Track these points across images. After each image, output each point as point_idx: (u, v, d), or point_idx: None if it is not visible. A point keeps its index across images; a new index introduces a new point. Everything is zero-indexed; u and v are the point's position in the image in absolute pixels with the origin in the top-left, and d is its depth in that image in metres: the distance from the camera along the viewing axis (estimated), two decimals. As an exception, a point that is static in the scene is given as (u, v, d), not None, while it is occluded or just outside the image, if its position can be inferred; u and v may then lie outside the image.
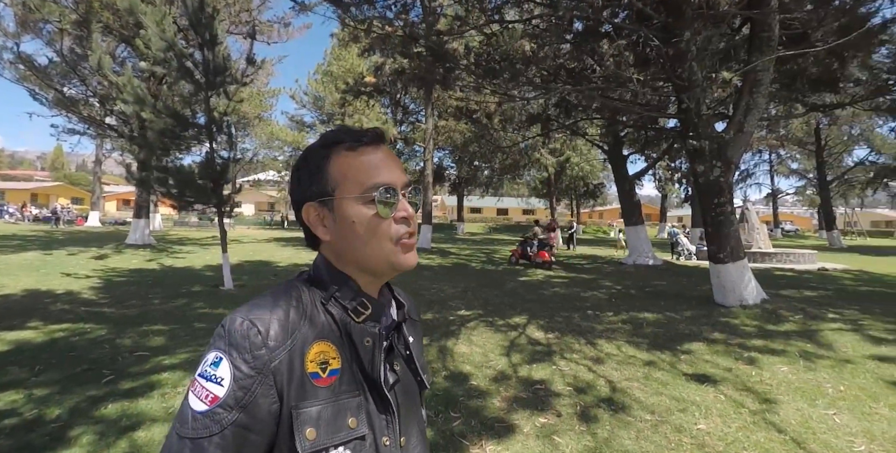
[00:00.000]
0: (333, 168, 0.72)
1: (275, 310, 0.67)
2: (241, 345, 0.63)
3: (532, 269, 12.29)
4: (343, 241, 0.72)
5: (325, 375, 0.66)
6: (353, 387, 0.68)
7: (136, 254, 13.64)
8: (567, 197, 34.78)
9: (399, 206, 0.72)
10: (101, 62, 8.71)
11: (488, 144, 21.55)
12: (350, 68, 23.91)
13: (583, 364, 4.45)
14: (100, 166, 28.08)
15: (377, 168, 0.71)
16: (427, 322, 6.07)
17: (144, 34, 7.82)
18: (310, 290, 0.73)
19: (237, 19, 14.20)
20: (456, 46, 9.58)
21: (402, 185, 0.73)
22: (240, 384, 0.61)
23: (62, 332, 5.23)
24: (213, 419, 0.60)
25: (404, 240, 0.72)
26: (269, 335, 0.64)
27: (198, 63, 8.74)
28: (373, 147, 0.73)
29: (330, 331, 0.70)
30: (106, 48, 12.06)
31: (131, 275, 9.76)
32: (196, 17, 8.22)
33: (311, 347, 0.67)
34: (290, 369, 0.64)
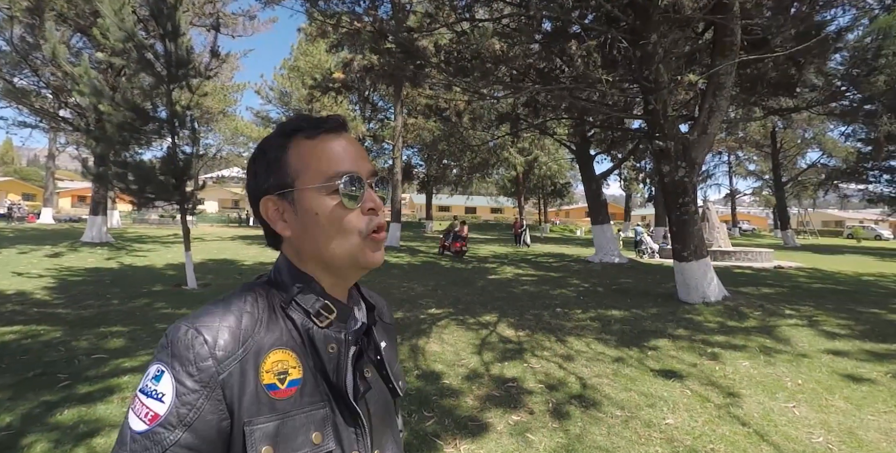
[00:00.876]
0: (293, 158, 0.66)
1: (225, 317, 0.61)
2: (185, 357, 0.56)
3: (502, 267, 12.40)
4: (305, 237, 0.66)
5: (284, 386, 0.60)
6: (317, 399, 0.62)
7: (93, 252, 13.03)
8: (535, 195, 35.25)
9: (366, 197, 0.67)
10: (55, 52, 8.26)
11: (458, 142, 21.62)
12: (317, 64, 23.47)
13: (553, 361, 4.51)
14: (53, 161, 26.69)
15: (340, 156, 0.66)
16: (398, 320, 6.03)
17: (102, 23, 7.45)
18: (269, 294, 0.67)
19: (201, 11, 13.72)
20: (426, 44, 9.54)
21: (368, 175, 0.68)
22: (183, 400, 0.55)
23: (13, 335, 4.96)
24: (153, 440, 0.54)
25: (373, 234, 0.67)
26: (216, 344, 0.58)
27: (159, 55, 8.40)
28: (334, 134, 0.68)
29: (290, 338, 0.64)
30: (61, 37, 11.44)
31: (88, 275, 9.32)
32: (157, 6, 7.90)
33: (268, 356, 0.60)
34: (242, 381, 0.58)
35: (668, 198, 7.39)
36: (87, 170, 8.86)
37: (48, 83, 12.19)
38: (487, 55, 8.09)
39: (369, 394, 0.69)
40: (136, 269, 10.43)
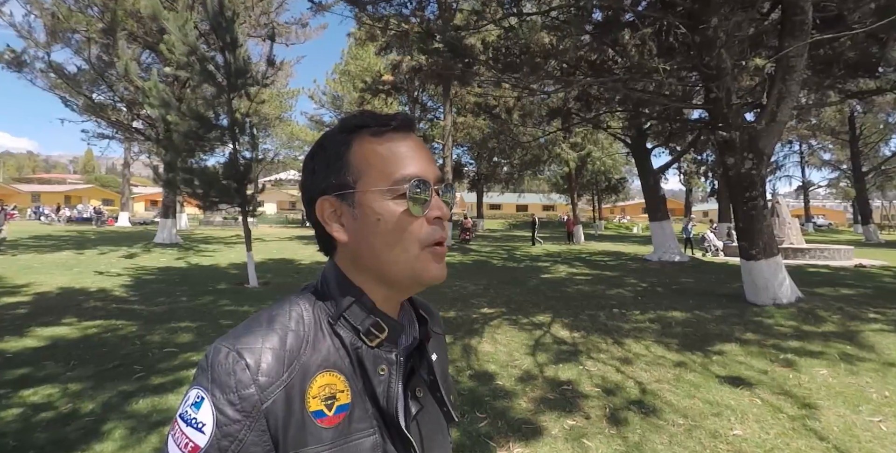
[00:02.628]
0: (356, 157, 0.60)
1: (268, 337, 0.55)
2: (226, 383, 0.52)
3: (556, 266, 12.15)
4: (363, 243, 0.60)
5: (332, 413, 0.55)
6: (365, 425, 0.57)
7: (164, 252, 13.96)
8: (589, 192, 34.28)
9: (433, 204, 0.60)
10: (127, 68, 8.90)
11: (508, 140, 21.34)
12: (367, 67, 23.98)
13: (611, 364, 4.34)
14: (128, 168, 28.88)
15: (408, 158, 0.60)
16: (450, 320, 6.03)
17: (168, 39, 7.94)
18: (314, 307, 0.61)
19: (256, 22, 14.37)
20: (474, 42, 9.48)
21: (435, 180, 0.62)
22: (224, 431, 0.50)
23: (95, 329, 5.40)
24: None
25: (436, 247, 0.61)
26: (259, 369, 0.53)
27: (219, 66, 8.86)
28: (402, 134, 0.62)
29: (338, 358, 0.58)
30: (132, 54, 12.36)
31: (159, 273, 9.98)
32: (216, 21, 8.32)
33: (314, 380, 0.55)
34: (288, 409, 0.53)
35: (733, 192, 6.93)
36: (158, 176, 9.51)
37: (122, 97, 13.21)
38: (536, 49, 7.92)
39: (420, 416, 0.63)
40: (203, 268, 11.06)
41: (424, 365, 0.66)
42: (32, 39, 10.84)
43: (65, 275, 9.32)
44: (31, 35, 10.81)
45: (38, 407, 3.32)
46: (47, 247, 14.49)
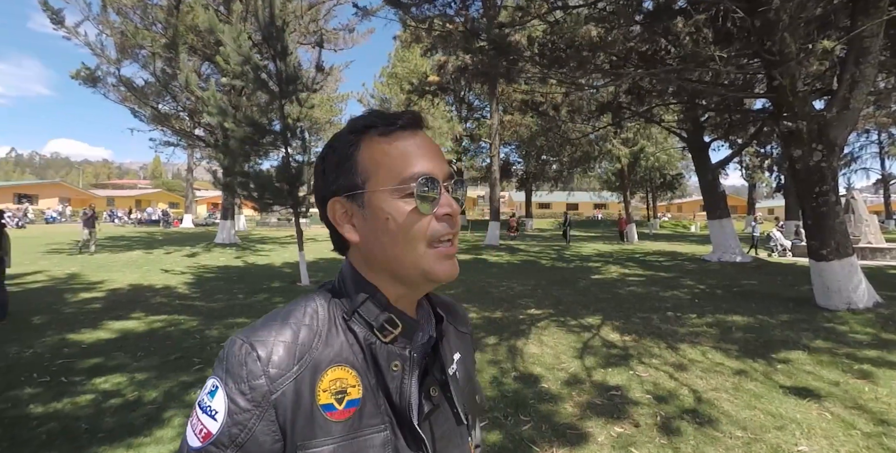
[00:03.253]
0: (364, 157, 0.60)
1: (282, 330, 0.57)
2: (238, 374, 0.54)
3: (607, 266, 11.78)
4: (374, 243, 0.61)
5: (342, 407, 0.56)
6: (377, 421, 0.57)
7: (223, 252, 14.72)
8: (642, 189, 33.01)
9: (441, 201, 0.60)
10: (188, 80, 9.47)
11: (556, 137, 20.93)
12: (414, 69, 24.25)
13: (663, 370, 4.13)
14: (191, 173, 30.75)
15: (415, 156, 0.60)
16: (496, 321, 5.97)
17: (223, 51, 8.36)
18: (330, 304, 0.62)
19: (306, 30, 14.87)
20: (518, 38, 9.33)
21: (444, 177, 0.61)
22: (235, 419, 0.53)
23: (160, 323, 5.79)
24: None
25: (442, 247, 0.60)
26: (270, 361, 0.54)
27: (272, 74, 9.22)
28: (409, 132, 0.62)
29: (351, 354, 0.59)
30: (192, 66, 13.14)
31: (219, 272, 10.53)
32: (268, 31, 8.67)
33: (325, 374, 0.56)
34: (297, 401, 0.54)
35: (801, 187, 6.43)
36: (217, 180, 10.02)
37: (185, 107, 14.09)
38: (583, 43, 7.69)
39: (435, 415, 0.63)
40: (258, 267, 11.56)
41: (437, 364, 0.66)
42: (105, 57, 11.83)
43: (135, 272, 10.02)
44: (104, 53, 11.80)
45: (108, 393, 3.60)
46: (120, 247, 15.66)
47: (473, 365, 0.78)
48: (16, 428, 3.06)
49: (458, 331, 0.76)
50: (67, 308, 6.60)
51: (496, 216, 18.14)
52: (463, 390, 0.70)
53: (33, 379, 3.91)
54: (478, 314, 6.37)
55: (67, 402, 3.45)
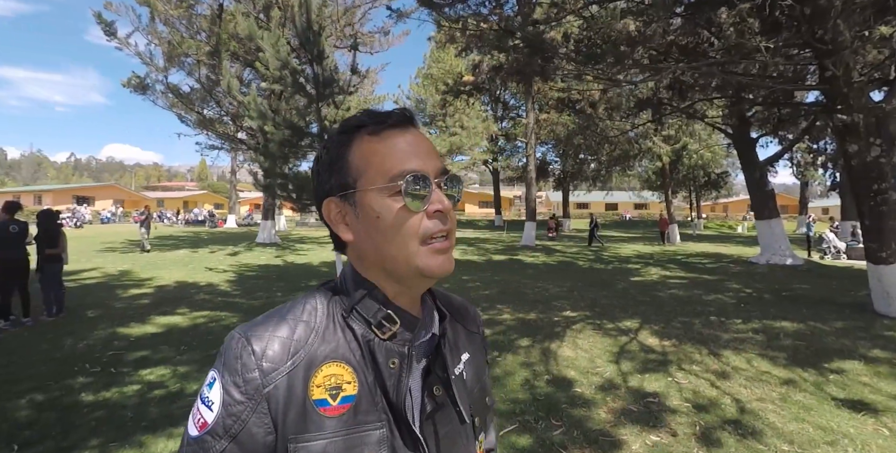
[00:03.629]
0: (355, 156, 0.61)
1: (279, 326, 0.58)
2: (233, 367, 0.55)
3: (646, 268, 11.43)
4: (367, 241, 0.61)
5: (336, 403, 0.56)
6: (373, 418, 0.57)
7: (264, 251, 15.19)
8: (685, 188, 31.84)
9: (432, 198, 0.59)
10: (229, 85, 9.82)
11: (594, 135, 20.43)
12: (449, 69, 24.28)
13: (704, 377, 3.95)
14: (235, 175, 31.92)
15: (405, 153, 0.60)
16: (530, 322, 5.89)
17: (262, 56, 8.62)
18: (330, 301, 0.63)
19: (342, 33, 15.15)
20: (554, 35, 9.18)
21: (436, 173, 0.61)
22: (229, 411, 0.54)
23: (202, 319, 6.03)
24: (202, 447, 0.54)
25: (436, 243, 0.59)
26: (264, 355, 0.55)
27: (309, 78, 9.44)
28: (399, 130, 0.61)
29: (348, 350, 0.59)
30: (234, 72, 13.63)
31: (259, 270, 10.86)
32: (305, 36, 8.87)
33: (320, 369, 0.56)
34: (289, 395, 0.55)
35: (857, 185, 6.02)
36: (257, 181, 10.34)
37: (228, 112, 14.64)
38: (620, 38, 7.47)
39: (439, 415, 0.62)
40: (297, 266, 11.85)
41: (439, 362, 0.65)
42: (153, 65, 12.48)
43: (181, 270, 10.47)
44: (152, 61, 12.44)
45: (153, 385, 3.78)
46: (168, 245, 16.42)
47: (485, 367, 0.77)
48: (69, 414, 3.26)
49: (468, 331, 0.75)
50: (118, 303, 6.97)
51: (532, 216, 17.91)
52: (471, 391, 0.69)
53: (86, 369, 4.16)
54: (511, 315, 6.30)
55: (115, 392, 3.64)
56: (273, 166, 10.11)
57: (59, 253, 6.31)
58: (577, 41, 8.45)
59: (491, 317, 6.17)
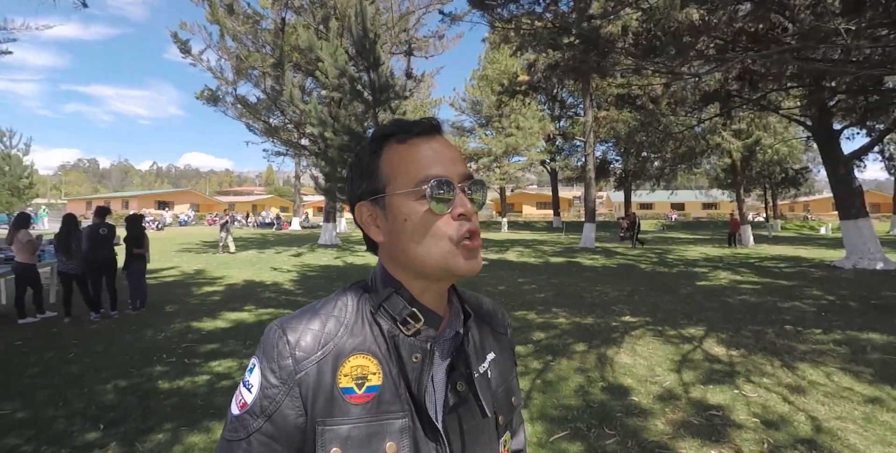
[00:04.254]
0: (384, 163, 0.65)
1: (312, 320, 0.64)
2: (270, 355, 0.61)
3: (715, 272, 10.77)
4: (395, 242, 0.65)
5: (362, 392, 0.60)
6: (396, 408, 0.61)
7: (325, 252, 15.79)
8: (759, 186, 29.62)
9: (456, 201, 0.63)
10: (291, 95, 10.34)
11: (657, 132, 19.49)
12: (504, 69, 24.09)
13: (776, 391, 3.66)
14: (299, 180, 33.40)
15: (430, 160, 0.64)
16: (586, 327, 5.72)
17: (321, 66, 8.99)
18: (360, 298, 0.67)
19: (397, 39, 15.47)
20: (612, 29, 8.87)
21: (460, 178, 0.64)
22: (265, 393, 0.60)
23: (267, 315, 6.37)
24: (242, 424, 0.60)
25: (465, 241, 0.62)
26: (297, 345, 0.61)
27: (366, 84, 9.74)
28: (425, 138, 0.66)
29: (374, 344, 0.63)
30: (297, 82, 14.31)
31: (321, 271, 11.30)
32: (361, 43, 9.17)
33: (347, 360, 0.61)
34: (318, 382, 0.60)
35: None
36: (318, 185, 10.80)
37: (291, 120, 15.39)
38: (683, 28, 7.09)
39: (463, 409, 0.66)
40: (356, 267, 12.23)
41: (462, 359, 0.68)
42: (223, 79, 13.42)
43: (249, 270, 11.11)
44: (222, 75, 13.38)
45: (220, 375, 4.05)
46: (238, 247, 17.46)
47: (512, 368, 0.80)
48: (147, 399, 3.59)
49: (495, 333, 0.79)
50: (193, 299, 7.52)
51: (591, 217, 17.39)
52: (496, 390, 0.72)
53: (163, 358, 4.55)
54: (567, 319, 6.15)
55: (188, 381, 3.95)
56: (333, 170, 10.51)
57: (143, 252, 6.91)
58: (635, 34, 8.11)
59: (546, 321, 6.06)
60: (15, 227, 6.19)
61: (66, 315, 6.20)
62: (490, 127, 28.31)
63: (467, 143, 28.34)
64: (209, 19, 12.48)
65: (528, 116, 24.05)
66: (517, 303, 7.20)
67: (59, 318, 6.22)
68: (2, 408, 3.49)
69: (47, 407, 3.50)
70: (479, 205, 0.66)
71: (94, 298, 6.31)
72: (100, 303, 6.39)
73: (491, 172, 28.49)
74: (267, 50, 13.39)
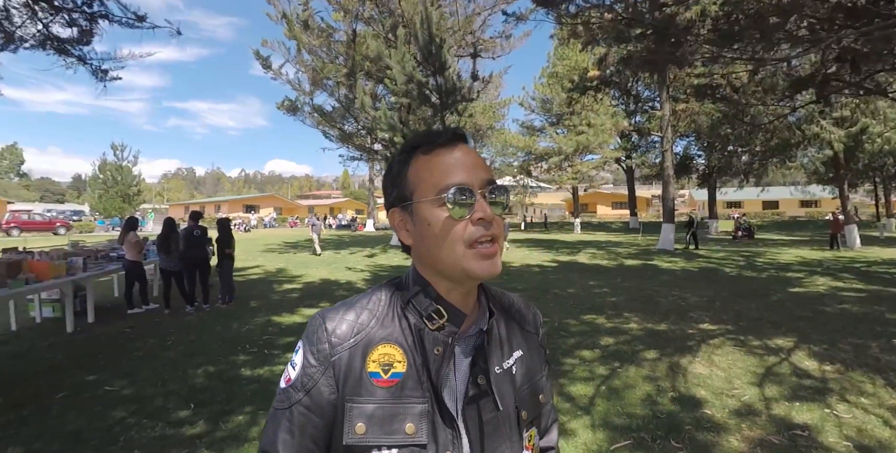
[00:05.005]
0: (411, 172, 0.71)
1: (349, 311, 0.72)
2: (312, 339, 0.71)
3: (811, 277, 9.77)
4: (421, 245, 0.71)
5: (387, 377, 0.68)
6: (417, 394, 0.68)
7: (398, 253, 16.21)
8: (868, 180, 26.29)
9: (476, 207, 0.67)
10: (363, 102, 10.77)
11: (743, 124, 17.95)
12: (574, 65, 23.33)
13: (876, 413, 3.27)
14: (373, 183, 34.59)
15: (451, 168, 0.69)
16: (659, 333, 5.45)
17: (389, 73, 9.29)
18: (393, 295, 0.75)
19: (463, 42, 15.56)
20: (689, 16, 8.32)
21: (480, 185, 0.69)
22: (306, 371, 0.70)
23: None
24: (287, 396, 0.70)
25: (481, 247, 0.66)
26: (334, 332, 0.70)
27: (432, 89, 9.92)
28: (448, 148, 0.71)
29: (401, 336, 0.71)
30: (369, 89, 14.88)
31: (392, 271, 11.66)
32: (427, 49, 9.36)
33: (376, 348, 0.69)
34: (350, 365, 0.68)
35: None
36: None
37: (364, 126, 16.01)
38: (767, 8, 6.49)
39: (483, 402, 0.70)
40: (424, 269, 12.46)
41: (481, 354, 0.73)
42: (301, 90, 14.30)
43: (325, 269, 11.72)
44: (300, 86, 14.25)
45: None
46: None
47: (542, 366, 0.83)
48: (231, 384, 3.98)
49: (524, 331, 0.83)
50: (274, 296, 8.09)
51: (670, 217, 16.36)
52: (520, 387, 0.76)
53: (246, 349, 4.98)
54: (639, 325, 5.89)
55: (267, 370, 4.30)
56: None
57: (232, 252, 7.56)
58: (714, 19, 7.56)
59: (615, 326, 5.84)
60: (125, 230, 7.05)
61: (165, 307, 6.96)
62: (561, 125, 27.61)
63: (537, 143, 27.82)
64: (287, 36, 13.36)
65: (599, 113, 23.14)
66: (586, 307, 6.99)
67: (161, 310, 6.99)
68: (112, 385, 4.03)
69: (148, 386, 3.98)
70: (502, 209, 0.70)
71: (189, 293, 7.02)
72: (194, 297, 7.09)
73: (563, 171, 27.78)
74: (340, 60, 14.07)
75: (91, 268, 6.93)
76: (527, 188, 34.71)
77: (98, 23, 4.48)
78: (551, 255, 15.10)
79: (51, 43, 4.33)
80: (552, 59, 26.01)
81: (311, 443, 0.69)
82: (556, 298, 7.76)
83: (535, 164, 29.01)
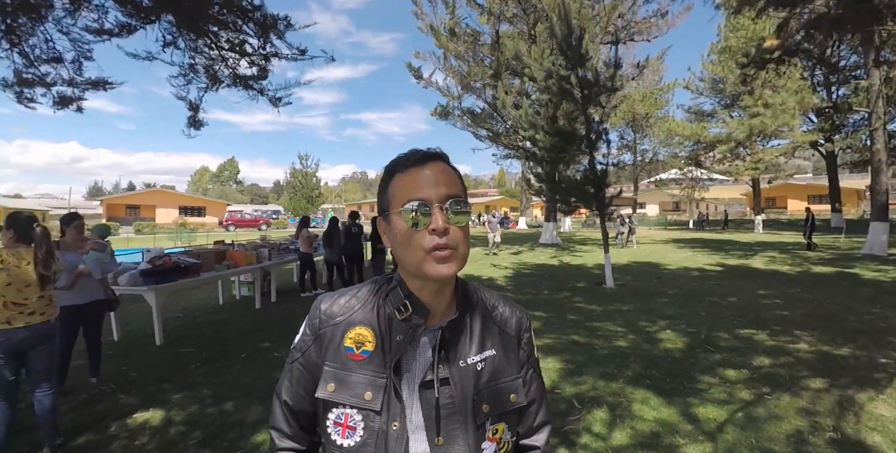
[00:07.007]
0: (390, 188, 0.85)
1: (342, 297, 0.92)
2: (311, 315, 0.92)
3: None
4: (395, 249, 0.84)
5: (358, 352, 0.85)
6: (380, 370, 0.83)
7: (544, 251, 16.10)
8: None
9: (431, 219, 0.78)
10: (503, 103, 10.93)
11: None
12: (751, 36, 19.68)
13: None
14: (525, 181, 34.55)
15: (417, 185, 0.81)
16: (835, 359, 4.54)
17: (528, 71, 9.26)
18: (380, 287, 0.91)
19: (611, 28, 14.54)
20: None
21: (439, 199, 0.79)
22: (303, 338, 0.92)
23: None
24: (291, 355, 0.94)
25: (436, 252, 0.78)
26: (325, 312, 0.90)
27: (573, 83, 9.58)
28: (418, 167, 0.82)
29: (376, 322, 0.87)
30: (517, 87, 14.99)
31: (535, 269, 11.65)
32: (566, 42, 9.06)
33: (354, 329, 0.87)
34: (332, 338, 0.87)
35: None
36: (529, 186, 11.15)
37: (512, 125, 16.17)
38: None
39: (443, 388, 0.83)
40: (570, 267, 12.16)
41: (443, 347, 0.85)
42: (450, 95, 15.08)
43: (471, 265, 11.96)
44: (449, 92, 15.06)
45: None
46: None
47: (517, 368, 0.92)
48: None
49: (503, 333, 0.93)
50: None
51: (883, 214, 12.88)
52: (485, 382, 0.86)
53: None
54: (811, 346, 4.97)
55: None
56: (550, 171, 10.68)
57: (384, 247, 8.57)
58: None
59: (778, 344, 5.02)
60: (300, 226, 8.49)
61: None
62: (736, 107, 23.90)
63: (707, 129, 24.51)
64: (437, 45, 14.22)
65: (785, 89, 19.24)
66: (746, 320, 6.10)
67: (325, 295, 8.37)
68: (279, 352, 5.05)
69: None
70: (461, 221, 0.81)
71: (347, 281, 8.21)
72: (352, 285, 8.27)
73: (740, 161, 24.07)
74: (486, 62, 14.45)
75: (274, 257, 8.45)
76: (697, 181, 30.94)
77: (271, 61, 5.52)
78: (718, 258, 13.34)
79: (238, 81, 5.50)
80: (723, 31, 22.42)
81: (303, 391, 0.90)
82: (710, 307, 6.92)
83: (705, 154, 25.66)
